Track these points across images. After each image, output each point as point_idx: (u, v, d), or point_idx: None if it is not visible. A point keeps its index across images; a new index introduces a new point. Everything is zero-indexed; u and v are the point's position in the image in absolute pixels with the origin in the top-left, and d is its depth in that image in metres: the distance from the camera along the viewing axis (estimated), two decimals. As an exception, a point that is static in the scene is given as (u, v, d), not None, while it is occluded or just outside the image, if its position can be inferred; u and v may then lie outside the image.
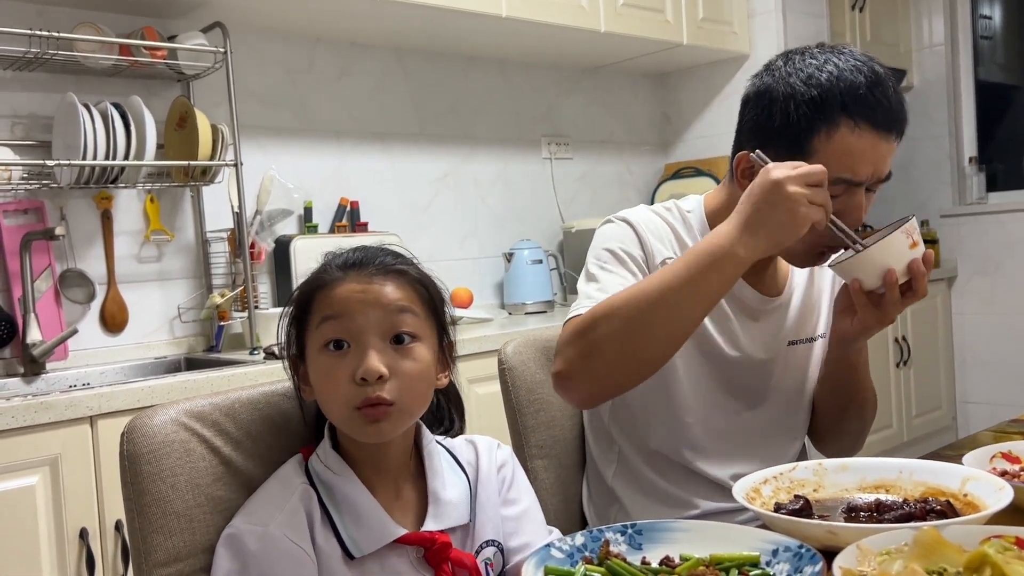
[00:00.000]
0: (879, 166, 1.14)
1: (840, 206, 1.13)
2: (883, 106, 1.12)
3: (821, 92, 1.12)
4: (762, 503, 0.98)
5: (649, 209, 1.32)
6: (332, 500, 0.95)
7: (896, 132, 1.15)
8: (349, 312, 0.94)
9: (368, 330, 0.93)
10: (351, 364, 0.92)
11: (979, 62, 4.16)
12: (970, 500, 0.94)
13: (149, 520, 0.95)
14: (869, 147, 1.12)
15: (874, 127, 1.12)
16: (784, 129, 1.15)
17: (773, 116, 1.16)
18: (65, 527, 1.70)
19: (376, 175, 2.87)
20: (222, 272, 2.48)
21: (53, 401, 1.69)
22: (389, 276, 0.96)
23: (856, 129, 1.12)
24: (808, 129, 1.13)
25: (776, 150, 1.14)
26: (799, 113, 1.13)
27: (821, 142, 1.13)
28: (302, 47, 2.71)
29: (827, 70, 1.13)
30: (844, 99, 1.11)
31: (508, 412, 1.37)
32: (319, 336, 0.95)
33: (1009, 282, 3.92)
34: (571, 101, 3.44)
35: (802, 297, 1.33)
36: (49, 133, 2.20)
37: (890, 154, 1.15)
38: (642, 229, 1.26)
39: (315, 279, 0.98)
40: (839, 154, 1.12)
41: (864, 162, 1.13)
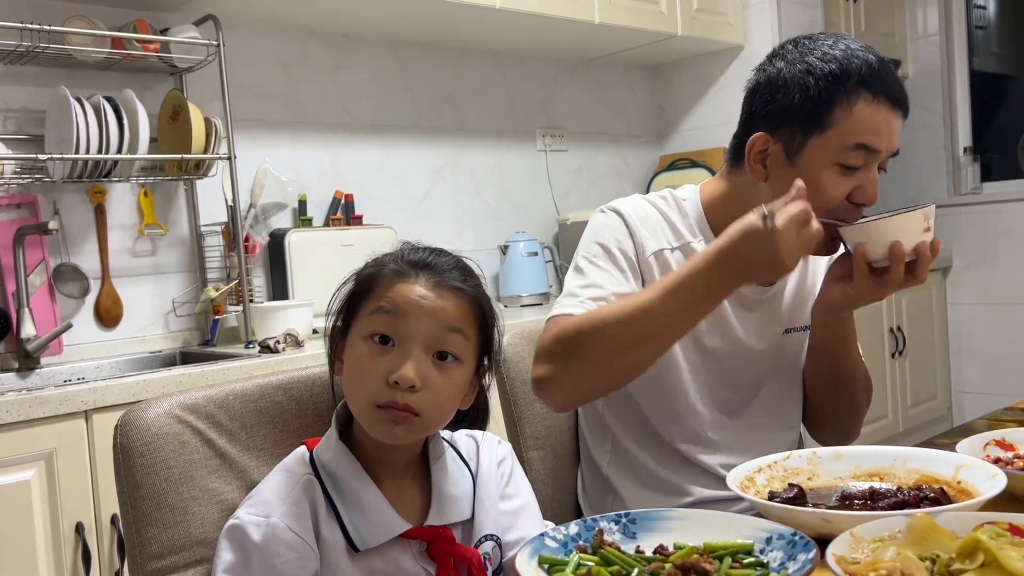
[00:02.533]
0: (893, 141, 1.18)
1: (860, 180, 1.16)
2: (896, 82, 1.17)
3: (839, 66, 1.15)
4: (756, 492, 0.98)
5: (643, 199, 1.32)
6: (338, 492, 0.94)
7: (904, 110, 1.18)
8: (404, 313, 0.93)
9: (416, 337, 0.93)
10: (389, 363, 0.92)
11: (974, 52, 4.16)
12: (964, 487, 0.94)
13: (143, 513, 0.95)
14: (884, 120, 1.16)
15: (890, 99, 1.16)
16: (803, 105, 1.16)
17: (791, 94, 1.17)
18: (61, 521, 1.70)
19: (371, 168, 2.87)
20: (217, 266, 2.48)
21: (48, 396, 1.69)
22: (454, 291, 0.95)
23: (874, 101, 1.15)
24: (829, 101, 1.15)
25: (792, 130, 1.17)
26: (819, 87, 1.15)
27: (843, 112, 1.15)
28: (295, 39, 2.70)
29: (840, 47, 1.17)
30: (862, 72, 1.15)
31: (503, 404, 1.38)
32: (368, 324, 0.94)
33: (1004, 272, 3.92)
34: (566, 93, 3.43)
35: (796, 285, 1.34)
36: (42, 127, 2.19)
37: (900, 130, 1.19)
38: (633, 220, 1.26)
39: (383, 265, 0.97)
40: (862, 125, 1.15)
41: (881, 133, 1.16)
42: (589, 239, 1.28)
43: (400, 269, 0.96)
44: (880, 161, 1.18)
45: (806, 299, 1.34)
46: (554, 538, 0.86)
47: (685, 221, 1.29)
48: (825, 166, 1.16)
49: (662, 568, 0.79)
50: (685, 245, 1.27)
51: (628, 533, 0.89)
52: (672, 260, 1.26)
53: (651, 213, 1.29)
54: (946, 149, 4.11)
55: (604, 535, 0.87)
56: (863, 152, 1.15)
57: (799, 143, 1.17)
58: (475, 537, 0.99)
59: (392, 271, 0.96)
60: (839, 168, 1.16)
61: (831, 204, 1.16)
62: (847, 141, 1.15)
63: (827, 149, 1.16)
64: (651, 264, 1.25)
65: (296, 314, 2.27)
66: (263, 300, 2.52)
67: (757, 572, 0.78)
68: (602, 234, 1.27)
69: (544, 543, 0.85)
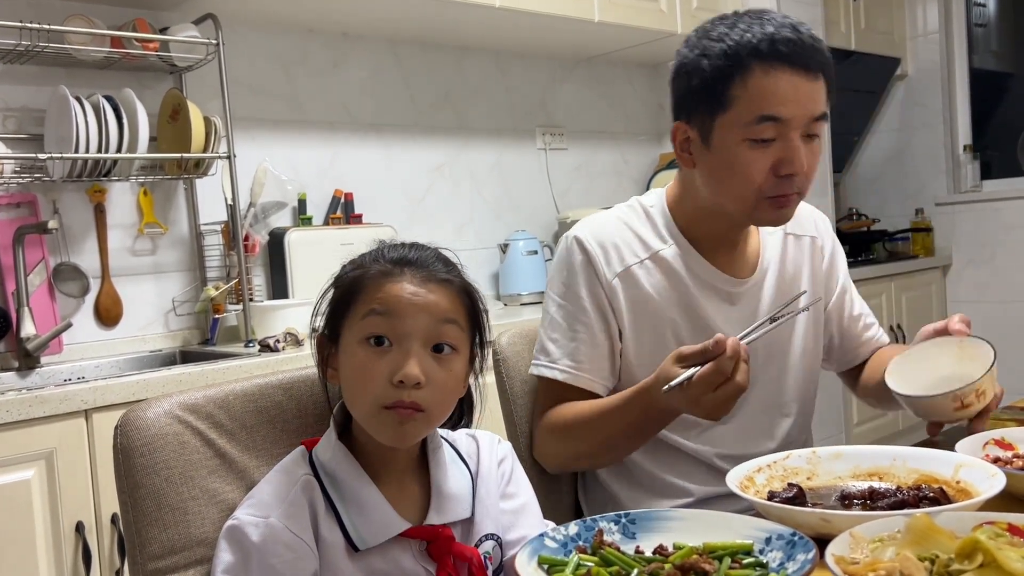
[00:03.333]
0: (806, 105, 1.15)
1: (779, 151, 1.15)
2: (796, 44, 1.14)
3: (731, 43, 1.15)
4: (756, 491, 0.98)
5: (608, 217, 1.32)
6: (337, 491, 0.94)
7: (815, 69, 1.15)
8: (399, 313, 0.92)
9: (414, 334, 0.92)
10: (390, 364, 0.91)
11: (973, 50, 4.16)
12: (963, 487, 0.94)
13: (144, 513, 0.95)
14: (789, 86, 1.14)
15: (789, 65, 1.13)
16: (701, 88, 1.18)
17: (692, 80, 1.19)
18: (61, 521, 1.71)
19: (370, 166, 2.86)
20: (216, 265, 2.48)
21: (48, 395, 1.69)
22: (442, 283, 0.95)
23: (771, 70, 1.13)
24: (723, 79, 1.15)
25: (700, 114, 1.19)
26: (713, 67, 1.16)
27: (738, 89, 1.15)
28: (294, 38, 2.70)
29: (738, 28, 1.17)
30: (754, 45, 1.14)
31: (503, 403, 1.38)
32: (362, 328, 0.93)
33: (1003, 270, 3.92)
34: (566, 91, 3.43)
35: (778, 272, 1.34)
36: (41, 126, 2.19)
37: (816, 93, 1.15)
38: (593, 249, 1.27)
39: (366, 267, 0.97)
40: (758, 96, 1.14)
41: (785, 101, 1.14)
42: (556, 277, 1.31)
43: (385, 268, 0.95)
44: (798, 128, 1.15)
45: (790, 285, 1.33)
46: (554, 538, 0.86)
47: (653, 229, 1.30)
48: (736, 144, 1.16)
49: (661, 568, 0.79)
50: (654, 255, 1.28)
51: (628, 533, 0.89)
52: (641, 274, 1.27)
53: (615, 232, 1.29)
54: (946, 147, 4.11)
55: (604, 535, 0.87)
56: (770, 123, 1.14)
57: (708, 126, 1.19)
58: (475, 536, 0.99)
59: (377, 272, 0.95)
60: (750, 143, 1.15)
61: (754, 180, 1.16)
62: (750, 115, 1.14)
63: (734, 127, 1.16)
64: (615, 287, 1.26)
65: (296, 313, 2.27)
66: (263, 299, 2.52)
67: (756, 572, 0.79)
68: (565, 277, 1.29)
69: (544, 543, 0.85)
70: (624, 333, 1.27)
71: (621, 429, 1.19)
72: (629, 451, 1.25)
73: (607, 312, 1.27)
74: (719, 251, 1.29)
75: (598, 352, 1.27)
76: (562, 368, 1.27)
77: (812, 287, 1.37)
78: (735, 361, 1.01)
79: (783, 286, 1.34)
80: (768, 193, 1.17)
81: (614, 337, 1.27)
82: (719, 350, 1.01)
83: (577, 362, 1.26)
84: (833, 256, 1.42)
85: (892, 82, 4.23)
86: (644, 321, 1.27)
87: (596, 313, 1.27)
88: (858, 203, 4.31)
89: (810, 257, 1.38)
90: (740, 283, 1.30)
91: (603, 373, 1.27)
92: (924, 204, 4.13)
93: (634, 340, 1.27)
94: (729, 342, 1.01)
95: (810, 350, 1.36)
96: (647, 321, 1.27)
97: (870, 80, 4.15)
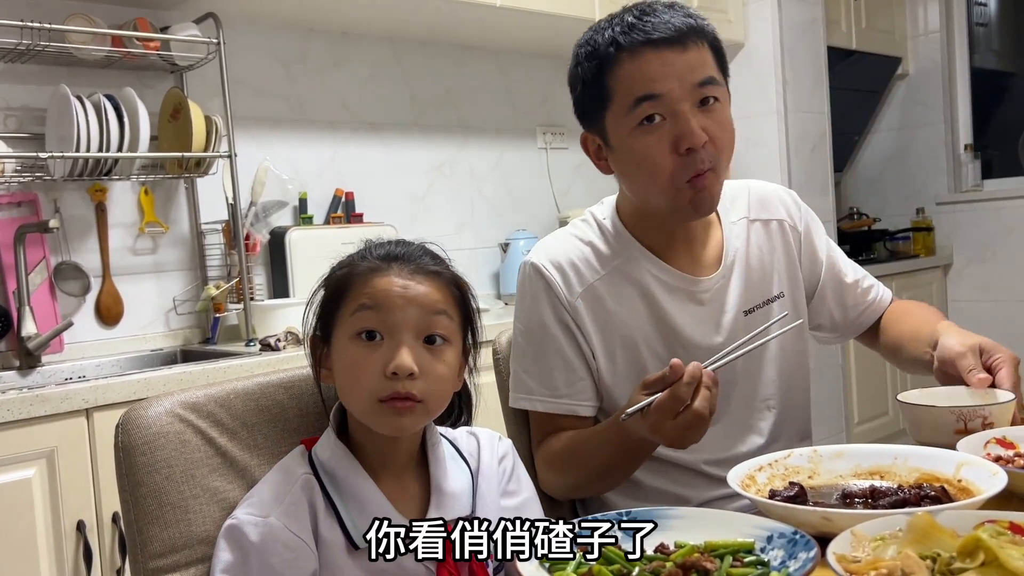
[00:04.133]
0: (684, 74, 1.13)
1: (672, 130, 1.13)
2: (655, 23, 1.13)
3: (592, 43, 1.17)
4: (757, 490, 0.98)
5: (564, 237, 1.30)
6: (336, 490, 0.95)
7: (683, 38, 1.13)
8: (388, 306, 0.93)
9: (405, 327, 0.93)
10: (382, 357, 0.92)
11: (974, 49, 4.16)
12: (964, 485, 0.94)
13: (144, 511, 0.95)
14: (657, 61, 1.13)
15: (652, 43, 1.13)
16: (585, 93, 1.19)
17: (576, 89, 1.22)
18: (62, 520, 1.71)
19: (371, 165, 2.86)
20: (217, 264, 2.48)
21: (49, 394, 1.69)
22: (430, 276, 0.96)
23: (635, 54, 1.13)
24: (598, 77, 1.16)
25: (593, 119, 1.20)
26: (586, 70, 1.18)
27: (612, 81, 1.15)
28: (295, 37, 2.70)
29: (600, 27, 1.18)
30: (612, 36, 1.15)
31: (503, 403, 1.37)
32: (353, 323, 0.94)
33: (1004, 269, 3.92)
34: (566, 90, 3.40)
35: (745, 264, 1.29)
36: (42, 125, 2.19)
37: (691, 61, 1.13)
38: (550, 274, 1.25)
39: (354, 265, 0.97)
40: (631, 81, 1.14)
41: (655, 76, 1.13)
42: (520, 306, 1.29)
43: (373, 265, 0.96)
44: (683, 99, 1.13)
45: (762, 275, 1.30)
46: (555, 537, 0.86)
47: (606, 241, 1.27)
48: (629, 134, 1.16)
49: (663, 567, 0.79)
50: (612, 269, 1.26)
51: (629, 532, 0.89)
52: (603, 288, 1.25)
53: (570, 251, 1.27)
54: (947, 146, 4.11)
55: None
56: (649, 102, 1.13)
57: (603, 127, 1.20)
58: (476, 534, 0.99)
59: (365, 268, 0.96)
60: (641, 129, 1.14)
61: (659, 165, 1.14)
62: (628, 102, 1.14)
63: (620, 118, 1.16)
64: (579, 308, 1.24)
65: (297, 312, 2.25)
66: (264, 298, 2.52)
67: (758, 571, 0.78)
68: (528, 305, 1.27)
69: (545, 542, 0.85)
70: (596, 353, 1.24)
71: (607, 459, 1.17)
72: (625, 476, 1.22)
73: (575, 333, 1.24)
74: (677, 250, 1.26)
75: (574, 375, 1.24)
76: (541, 399, 1.25)
77: (788, 275, 1.32)
78: (694, 387, 0.98)
79: (752, 278, 1.29)
80: (681, 177, 1.14)
81: (587, 356, 1.25)
82: (675, 376, 0.98)
83: (554, 390, 1.24)
84: (808, 233, 1.36)
85: (893, 81, 4.23)
86: (613, 338, 1.24)
87: (565, 336, 1.24)
88: (859, 202, 4.31)
89: (782, 243, 1.33)
90: (704, 281, 1.26)
91: (584, 395, 1.25)
92: (925, 203, 4.13)
93: (606, 359, 1.24)
94: (687, 368, 0.98)
95: (790, 340, 1.31)
96: (616, 338, 1.24)
97: (871, 79, 4.15)
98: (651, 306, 1.24)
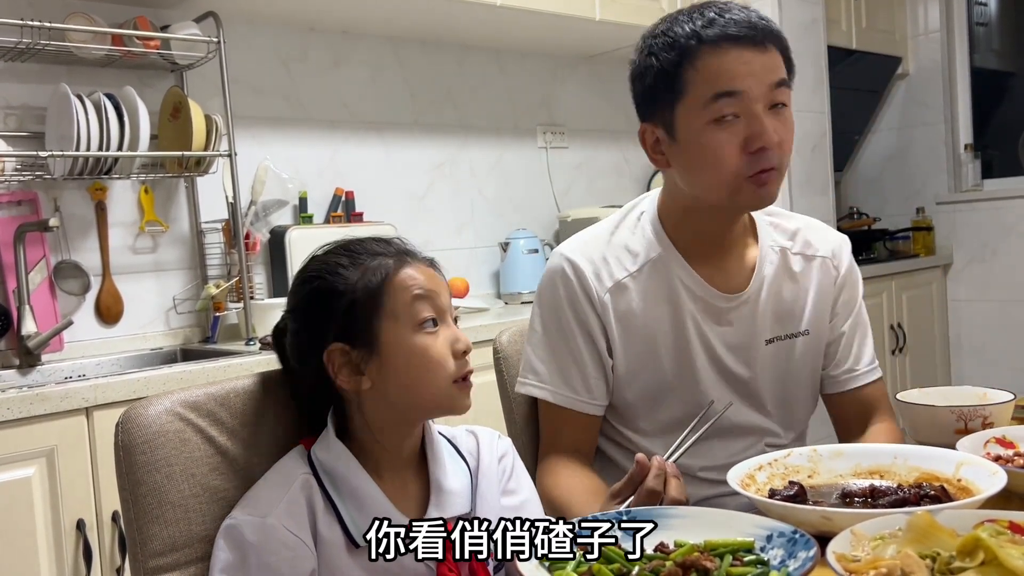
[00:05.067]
0: (761, 75, 1.13)
1: (745, 129, 1.13)
2: (737, 20, 1.14)
3: (673, 35, 1.16)
4: (757, 489, 0.98)
5: (601, 230, 1.31)
6: (336, 489, 0.95)
7: (762, 40, 1.13)
8: (436, 293, 0.99)
9: (449, 311, 0.99)
10: (446, 340, 0.97)
11: (974, 49, 4.15)
12: (964, 485, 0.94)
13: (144, 510, 0.95)
14: (737, 59, 1.13)
15: (735, 40, 1.13)
16: (658, 84, 1.18)
17: (645, 80, 1.20)
18: (62, 519, 1.71)
19: (371, 165, 2.86)
20: (217, 263, 2.48)
21: (49, 393, 1.69)
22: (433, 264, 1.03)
23: (717, 48, 1.13)
24: (674, 68, 1.15)
25: (662, 111, 1.19)
26: (662, 60, 1.17)
27: (690, 73, 1.14)
28: (295, 36, 2.70)
29: (679, 20, 1.17)
30: (695, 30, 1.14)
31: (503, 401, 1.38)
32: (412, 315, 0.96)
33: (1004, 268, 3.92)
34: (566, 90, 3.43)
35: (774, 291, 1.29)
36: (42, 124, 2.19)
37: (770, 62, 1.14)
38: (582, 267, 1.26)
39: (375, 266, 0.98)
40: (710, 74, 1.13)
41: (737, 74, 1.13)
42: (544, 295, 1.29)
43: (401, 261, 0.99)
44: (759, 100, 1.13)
45: (791, 307, 1.29)
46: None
47: (643, 237, 1.28)
48: (701, 129, 1.15)
49: (663, 566, 0.79)
50: (643, 268, 1.26)
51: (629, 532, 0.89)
52: (633, 286, 1.25)
53: (604, 246, 1.28)
54: (947, 146, 4.11)
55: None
56: (727, 99, 1.13)
57: (671, 119, 1.18)
58: (476, 532, 0.99)
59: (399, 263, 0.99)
60: (714, 124, 1.14)
61: (727, 162, 1.14)
62: (706, 95, 1.13)
63: (694, 112, 1.15)
64: (607, 302, 1.25)
65: (297, 311, 2.27)
66: (264, 297, 2.52)
67: (758, 570, 0.79)
68: (552, 295, 1.28)
69: (545, 541, 0.85)
70: (614, 348, 1.25)
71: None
72: None
73: (595, 331, 1.25)
74: (710, 258, 1.26)
75: (587, 374, 1.25)
76: (552, 389, 1.26)
77: (817, 313, 1.31)
78: (663, 478, 0.98)
79: (783, 304, 1.29)
80: (745, 173, 1.14)
81: (603, 355, 1.25)
82: (644, 472, 0.99)
83: (565, 384, 1.25)
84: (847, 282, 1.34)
85: (893, 81, 4.23)
86: (634, 334, 1.25)
87: (583, 334, 1.25)
88: (859, 202, 4.31)
89: (818, 280, 1.32)
90: (733, 299, 1.26)
91: (593, 394, 1.26)
92: (925, 203, 4.13)
93: (624, 353, 1.25)
94: (653, 461, 0.99)
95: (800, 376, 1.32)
96: (638, 335, 1.25)
97: (871, 79, 4.15)
98: (675, 313, 1.25)
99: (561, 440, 1.27)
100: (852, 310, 1.35)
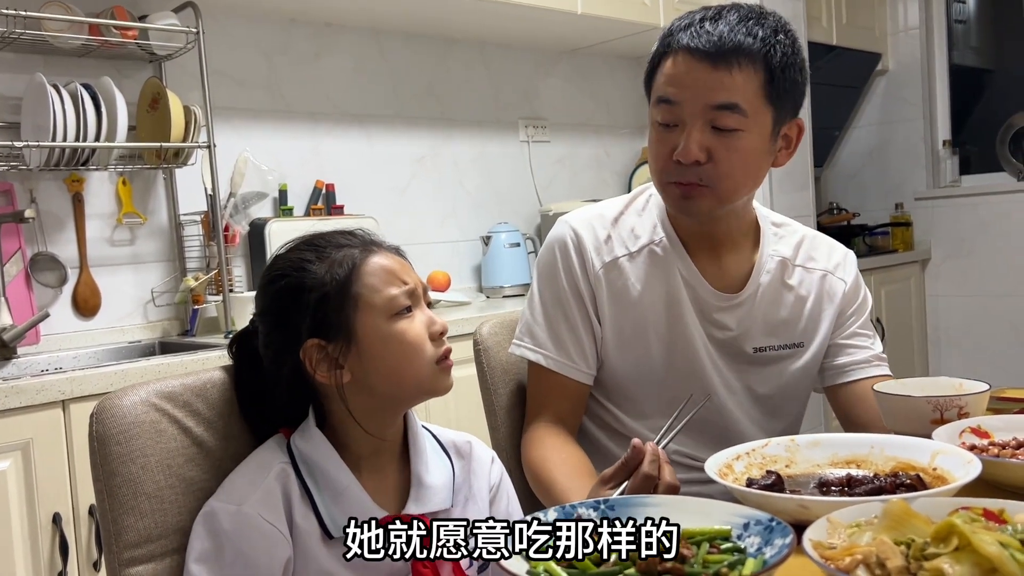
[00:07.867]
0: (700, 92, 1.14)
1: (677, 138, 1.16)
2: (705, 33, 1.14)
3: (669, 30, 1.20)
4: (734, 478, 0.98)
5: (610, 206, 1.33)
6: (313, 479, 0.94)
7: (723, 57, 1.13)
8: (406, 277, 0.99)
9: (422, 294, 1.01)
10: (422, 324, 0.98)
11: (953, 46, 4.19)
12: (939, 474, 0.95)
13: (120, 501, 0.94)
14: (685, 71, 1.15)
15: (689, 52, 1.15)
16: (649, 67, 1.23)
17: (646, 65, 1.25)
18: (38, 512, 1.69)
19: (353, 157, 2.85)
20: (196, 255, 2.46)
21: (24, 385, 1.67)
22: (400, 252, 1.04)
23: (676, 55, 1.17)
24: (654, 62, 1.21)
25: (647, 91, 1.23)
26: (653, 52, 1.23)
27: (656, 71, 1.20)
28: (277, 27, 2.68)
29: (681, 17, 1.21)
30: (674, 31, 1.18)
31: (483, 393, 1.37)
32: (390, 305, 0.96)
33: (982, 264, 3.96)
34: (549, 84, 3.42)
35: (768, 301, 1.29)
36: (17, 114, 2.16)
37: (720, 82, 1.13)
38: (584, 239, 1.28)
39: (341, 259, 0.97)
40: (663, 79, 1.18)
41: (676, 84, 1.16)
42: (545, 260, 1.31)
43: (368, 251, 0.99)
44: (695, 115, 1.14)
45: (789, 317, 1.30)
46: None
47: (649, 221, 1.30)
48: (651, 125, 1.21)
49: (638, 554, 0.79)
50: (642, 252, 1.28)
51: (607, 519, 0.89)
52: (629, 267, 1.27)
53: (609, 223, 1.30)
54: (925, 142, 4.14)
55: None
56: (664, 106, 1.17)
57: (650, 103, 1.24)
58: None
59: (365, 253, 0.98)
60: (656, 126, 1.19)
61: (656, 162, 1.20)
62: (654, 97, 1.20)
63: (651, 106, 1.21)
64: (600, 277, 1.27)
65: (276, 304, 2.25)
66: (243, 290, 2.51)
67: (734, 557, 0.79)
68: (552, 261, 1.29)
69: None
70: (604, 323, 1.27)
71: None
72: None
73: (587, 301, 1.27)
74: (709, 255, 1.28)
75: (580, 342, 1.27)
76: (545, 353, 1.27)
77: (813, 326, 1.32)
78: (658, 464, 0.98)
79: (774, 319, 1.29)
80: (669, 178, 1.19)
81: (595, 325, 1.28)
82: (639, 457, 0.98)
83: (558, 350, 1.27)
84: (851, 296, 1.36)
85: (873, 77, 4.25)
86: (626, 315, 1.27)
87: (577, 302, 1.27)
88: (838, 197, 4.34)
89: (817, 293, 1.32)
90: (723, 298, 1.27)
91: (587, 360, 1.28)
92: (904, 199, 4.16)
93: (613, 332, 1.27)
94: (648, 447, 0.99)
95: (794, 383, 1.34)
96: (629, 317, 1.27)
97: (851, 75, 4.17)
98: (672, 302, 1.27)
99: (548, 407, 1.28)
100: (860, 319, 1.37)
